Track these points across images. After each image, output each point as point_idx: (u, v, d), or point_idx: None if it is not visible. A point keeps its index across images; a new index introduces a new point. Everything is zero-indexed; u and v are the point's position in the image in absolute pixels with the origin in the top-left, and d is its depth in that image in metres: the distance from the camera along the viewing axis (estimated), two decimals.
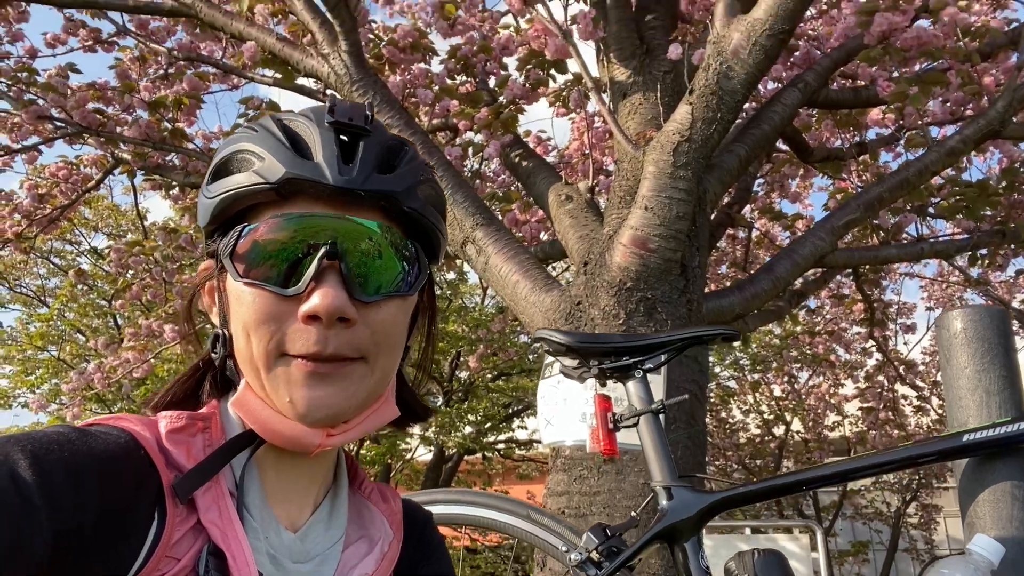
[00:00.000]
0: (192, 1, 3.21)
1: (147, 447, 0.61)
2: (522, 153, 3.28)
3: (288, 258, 0.62)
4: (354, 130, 0.65)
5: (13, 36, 4.67)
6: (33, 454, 0.54)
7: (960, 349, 1.12)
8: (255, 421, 0.65)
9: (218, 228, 0.67)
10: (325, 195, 0.62)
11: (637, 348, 1.18)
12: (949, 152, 2.97)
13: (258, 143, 0.64)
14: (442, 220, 0.72)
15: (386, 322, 0.65)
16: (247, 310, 0.63)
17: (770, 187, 5.82)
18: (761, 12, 2.34)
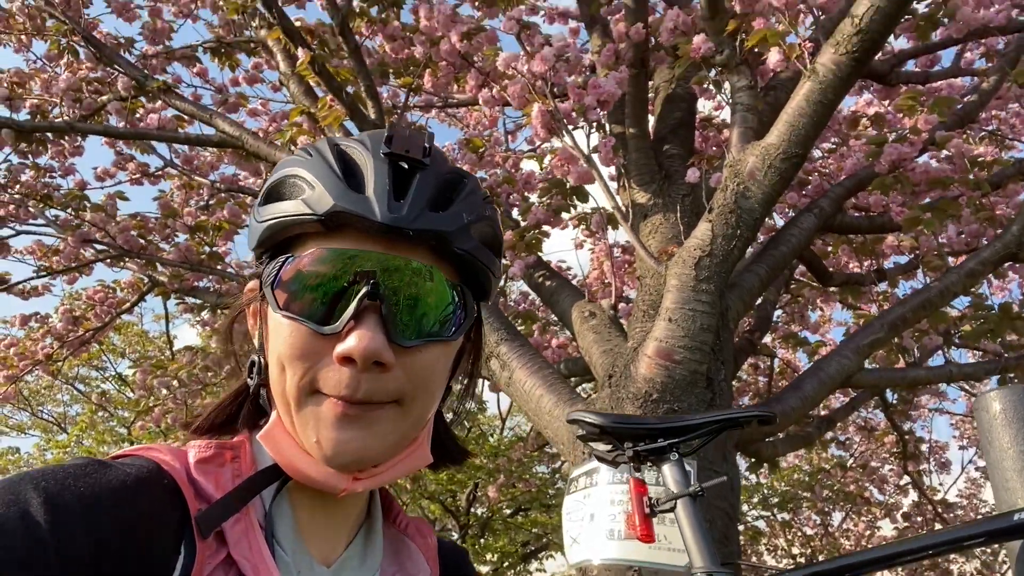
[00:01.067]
0: (239, 134, 3.44)
1: (176, 476, 0.59)
2: (545, 274, 3.37)
3: (328, 294, 0.60)
4: (410, 163, 0.62)
5: (65, 170, 4.99)
6: (46, 492, 0.52)
7: (1002, 430, 1.10)
8: (281, 458, 0.63)
9: (266, 252, 0.65)
10: (372, 231, 0.60)
11: (672, 430, 1.17)
12: (969, 274, 3.01)
13: (310, 169, 0.62)
14: (496, 260, 0.68)
15: (425, 368, 0.62)
16: (283, 343, 0.61)
17: (790, 317, 5.86)
18: (774, 138, 2.48)
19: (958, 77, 4.14)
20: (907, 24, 3.51)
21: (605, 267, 4.66)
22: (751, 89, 2.67)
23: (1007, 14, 3.52)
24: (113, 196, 4.40)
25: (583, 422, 1.22)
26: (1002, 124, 4.90)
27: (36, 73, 4.50)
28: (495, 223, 0.68)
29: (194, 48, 4.34)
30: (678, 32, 2.93)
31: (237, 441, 0.66)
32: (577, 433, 1.25)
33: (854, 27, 2.32)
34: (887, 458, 7.37)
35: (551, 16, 4.55)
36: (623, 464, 1.21)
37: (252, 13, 3.33)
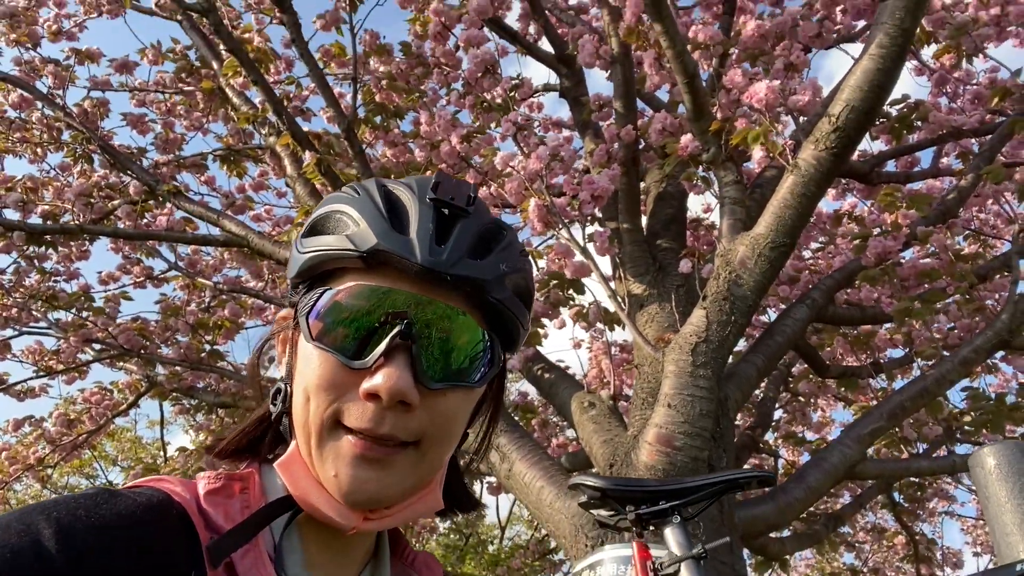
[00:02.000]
0: (244, 232, 3.55)
1: (186, 507, 0.60)
2: (544, 367, 3.39)
3: (361, 330, 0.61)
4: (454, 210, 0.64)
5: (69, 275, 5.09)
6: (58, 522, 0.52)
7: (998, 485, 1.11)
8: (295, 488, 0.63)
9: (304, 282, 0.67)
10: (411, 272, 0.61)
11: (673, 492, 1.16)
12: (963, 362, 3.04)
13: (356, 207, 0.64)
14: (527, 313, 0.69)
15: (447, 412, 0.63)
16: (312, 373, 0.62)
17: (791, 416, 5.82)
18: (763, 228, 2.57)
19: (937, 177, 4.33)
20: (883, 126, 3.70)
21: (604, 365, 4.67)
22: (738, 183, 2.79)
23: (979, 117, 3.73)
24: (116, 296, 4.46)
25: (584, 486, 1.22)
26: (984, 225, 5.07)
27: (49, 181, 4.67)
28: (529, 277, 0.69)
29: (204, 156, 4.53)
30: (666, 133, 3.09)
31: (246, 472, 0.66)
32: (579, 500, 1.24)
33: (831, 125, 2.45)
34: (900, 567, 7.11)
35: (545, 125, 4.80)
36: (625, 529, 1.20)
37: (262, 122, 3.51)
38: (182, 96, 4.75)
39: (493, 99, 3.43)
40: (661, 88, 3.80)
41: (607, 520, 1.22)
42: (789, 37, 2.93)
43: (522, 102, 3.78)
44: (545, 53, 3.71)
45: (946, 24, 3.33)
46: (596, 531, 2.43)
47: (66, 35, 4.65)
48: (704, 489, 1.17)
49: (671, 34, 2.57)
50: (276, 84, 3.77)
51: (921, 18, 2.37)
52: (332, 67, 4.04)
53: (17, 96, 4.42)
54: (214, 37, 3.76)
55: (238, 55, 3.02)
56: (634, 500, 1.18)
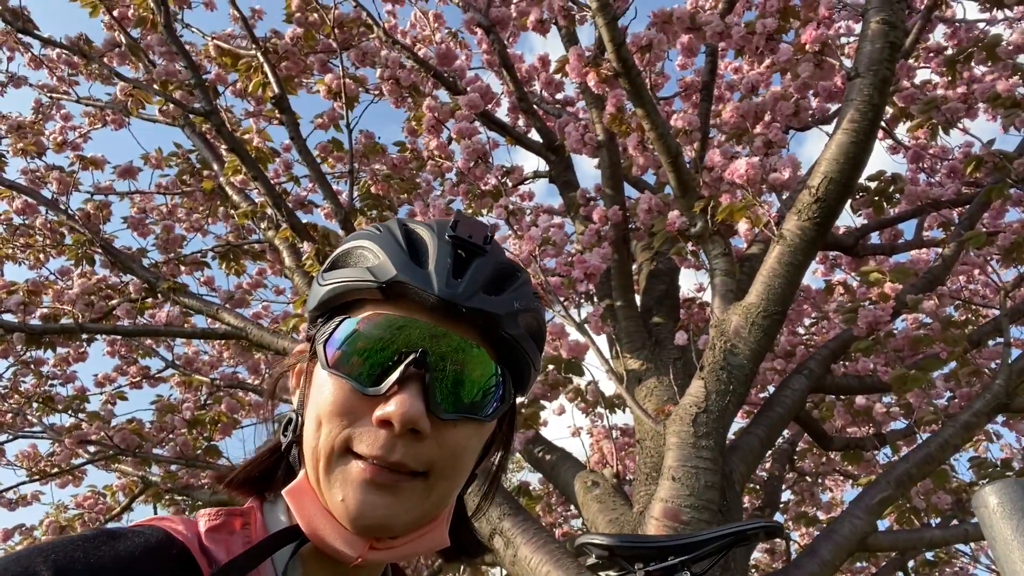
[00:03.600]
0: (243, 325, 3.58)
1: (188, 546, 0.59)
2: (545, 448, 3.35)
3: (377, 358, 0.62)
4: (471, 247, 0.65)
5: (66, 378, 5.08)
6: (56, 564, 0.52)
7: (1003, 524, 1.11)
8: (302, 515, 0.63)
9: (322, 315, 0.68)
10: (428, 304, 0.62)
11: (682, 547, 1.15)
12: (965, 426, 3.03)
13: (377, 242, 0.66)
14: (538, 353, 0.70)
15: (458, 444, 0.63)
16: (325, 399, 0.62)
17: (800, 497, 5.72)
18: (754, 297, 2.62)
19: (921, 248, 4.44)
20: (863, 200, 3.82)
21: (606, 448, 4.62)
22: (727, 255, 2.86)
23: (956, 189, 3.86)
24: (113, 396, 4.44)
25: (591, 545, 1.20)
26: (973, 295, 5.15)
27: (50, 285, 4.74)
28: (541, 318, 0.71)
29: (204, 253, 4.62)
30: (653, 212, 3.19)
31: (247, 508, 0.67)
32: (586, 563, 1.22)
33: (812, 196, 2.55)
34: None
35: (536, 212, 4.93)
36: None
37: (261, 216, 3.61)
38: (183, 197, 4.88)
39: (486, 186, 3.56)
40: (647, 172, 3.95)
41: None
42: (770, 113, 3.08)
43: (514, 189, 3.91)
44: (534, 142, 3.87)
45: (917, 100, 3.50)
46: None
47: (71, 145, 4.83)
48: (713, 542, 1.16)
49: (652, 117, 2.70)
50: (275, 182, 3.90)
51: (888, 92, 2.50)
52: (329, 162, 4.19)
53: (21, 203, 4.54)
54: (215, 140, 3.92)
55: (238, 152, 3.14)
56: (643, 557, 1.16)
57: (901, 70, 3.59)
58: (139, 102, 3.96)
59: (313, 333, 0.69)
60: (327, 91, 3.49)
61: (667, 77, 4.22)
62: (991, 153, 3.50)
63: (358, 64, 3.34)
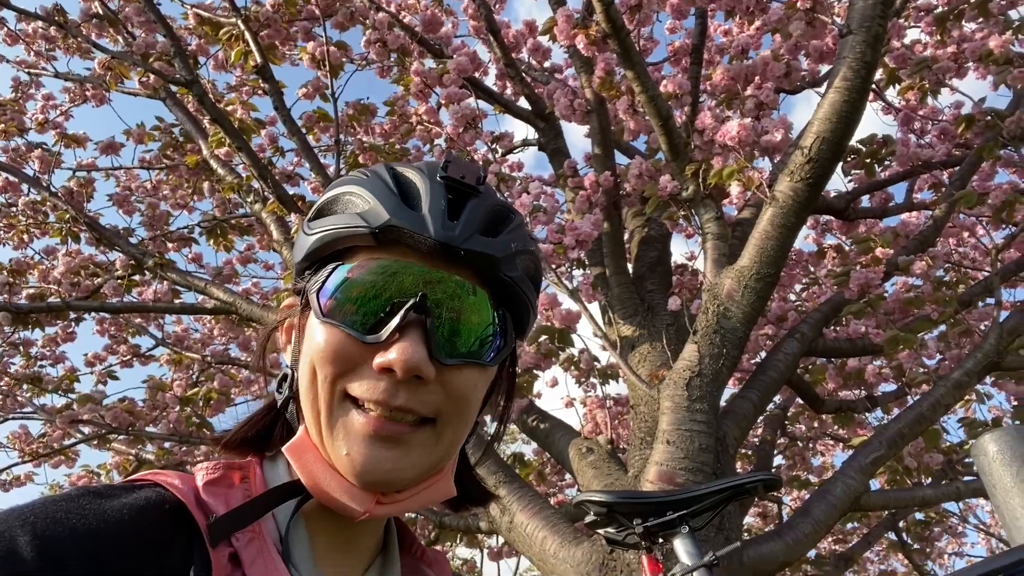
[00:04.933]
0: (233, 300, 3.54)
1: (184, 499, 0.56)
2: (538, 417, 3.35)
3: (374, 305, 0.60)
4: (464, 188, 0.63)
5: (55, 359, 5.04)
6: (34, 528, 0.49)
7: (1003, 470, 1.11)
8: (306, 473, 0.61)
9: (311, 266, 0.65)
10: (424, 248, 0.60)
11: (680, 502, 1.14)
12: (956, 385, 3.04)
13: (366, 187, 0.63)
14: (536, 295, 0.68)
15: (463, 388, 0.61)
16: (321, 348, 0.60)
17: (792, 462, 5.77)
18: (746, 260, 2.61)
19: (912, 211, 4.43)
20: (854, 162, 3.80)
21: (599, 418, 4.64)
22: (719, 219, 2.84)
23: (947, 150, 3.84)
24: (103, 375, 4.41)
25: (590, 502, 1.20)
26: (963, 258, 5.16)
27: (35, 264, 4.68)
28: (538, 260, 0.69)
29: (191, 229, 4.57)
30: (644, 178, 3.16)
31: (246, 462, 0.64)
32: (586, 520, 1.22)
33: (804, 156, 2.52)
34: None
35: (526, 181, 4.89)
36: (634, 545, 1.18)
37: (247, 190, 3.56)
38: (168, 172, 4.81)
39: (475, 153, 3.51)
40: (638, 138, 3.91)
41: (615, 536, 1.19)
42: (760, 76, 3.04)
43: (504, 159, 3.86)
44: (523, 110, 3.82)
45: (908, 60, 3.47)
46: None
47: (52, 124, 4.74)
48: (711, 496, 1.16)
49: (642, 79, 2.66)
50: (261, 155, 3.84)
51: (880, 50, 2.47)
52: (315, 133, 4.13)
53: (3, 181, 4.47)
54: (198, 112, 3.85)
55: (222, 123, 3.08)
56: (641, 513, 1.16)
57: (892, 30, 3.55)
58: (119, 76, 3.88)
59: (302, 285, 0.66)
60: (310, 60, 3.43)
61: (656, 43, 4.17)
62: (982, 112, 3.48)
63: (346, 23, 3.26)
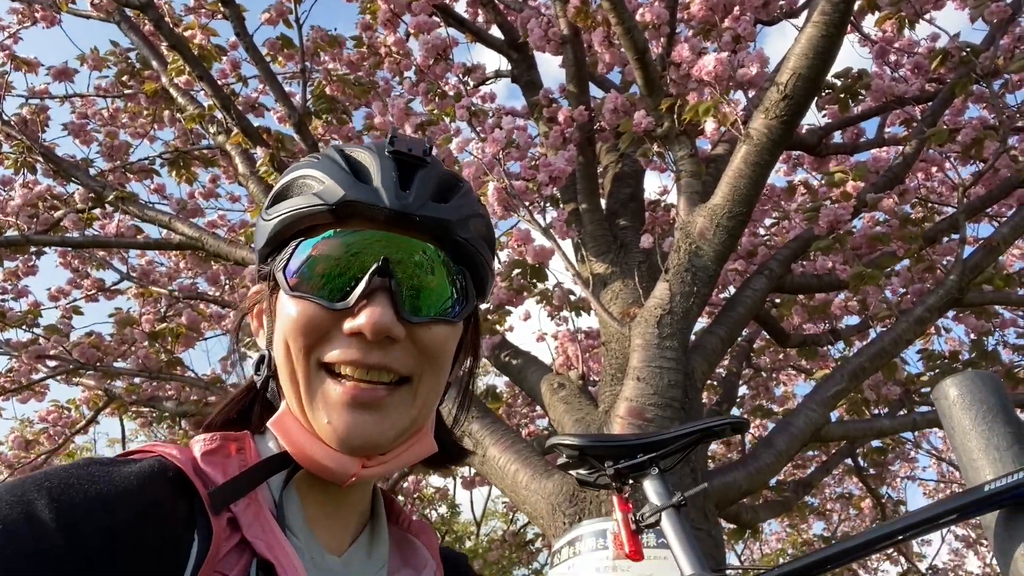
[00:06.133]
0: (199, 235, 3.47)
1: (183, 468, 0.59)
2: (511, 353, 3.39)
3: (339, 274, 0.62)
4: (412, 160, 0.66)
5: (18, 293, 4.92)
6: (50, 492, 0.52)
7: (962, 414, 1.14)
8: (291, 444, 0.63)
9: (273, 250, 0.68)
10: (381, 218, 0.63)
11: (650, 445, 1.17)
12: (917, 321, 3.12)
13: (318, 168, 0.65)
14: (492, 258, 0.71)
15: (434, 344, 0.64)
16: (292, 320, 0.62)
17: (755, 391, 5.93)
18: (719, 199, 2.61)
19: (883, 147, 4.45)
20: (829, 97, 3.78)
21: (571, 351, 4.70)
22: (693, 157, 2.82)
23: (920, 86, 3.83)
24: (68, 310, 4.33)
25: (562, 445, 1.22)
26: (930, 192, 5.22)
27: None
28: (489, 224, 0.72)
29: (152, 160, 4.43)
30: (619, 113, 3.11)
31: (241, 434, 0.66)
32: (558, 462, 1.24)
33: (780, 93, 2.50)
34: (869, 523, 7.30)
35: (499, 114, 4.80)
36: (605, 486, 1.21)
37: (210, 120, 3.44)
38: (125, 100, 4.62)
39: (446, 86, 3.42)
40: (613, 71, 3.83)
41: (587, 478, 1.22)
42: (739, 6, 2.97)
43: (475, 90, 3.77)
44: (495, 39, 3.71)
45: None
46: (573, 508, 2.45)
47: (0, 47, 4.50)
48: (681, 439, 1.18)
49: (619, 10, 2.59)
50: (223, 83, 3.70)
51: None
52: (280, 61, 3.98)
53: None
54: (155, 38, 3.68)
55: (181, 50, 2.95)
56: (612, 456, 1.19)
57: None
58: None
59: (267, 270, 0.68)
60: None
61: None
62: (957, 47, 3.46)
63: None
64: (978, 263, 3.19)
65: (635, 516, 1.15)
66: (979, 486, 1.02)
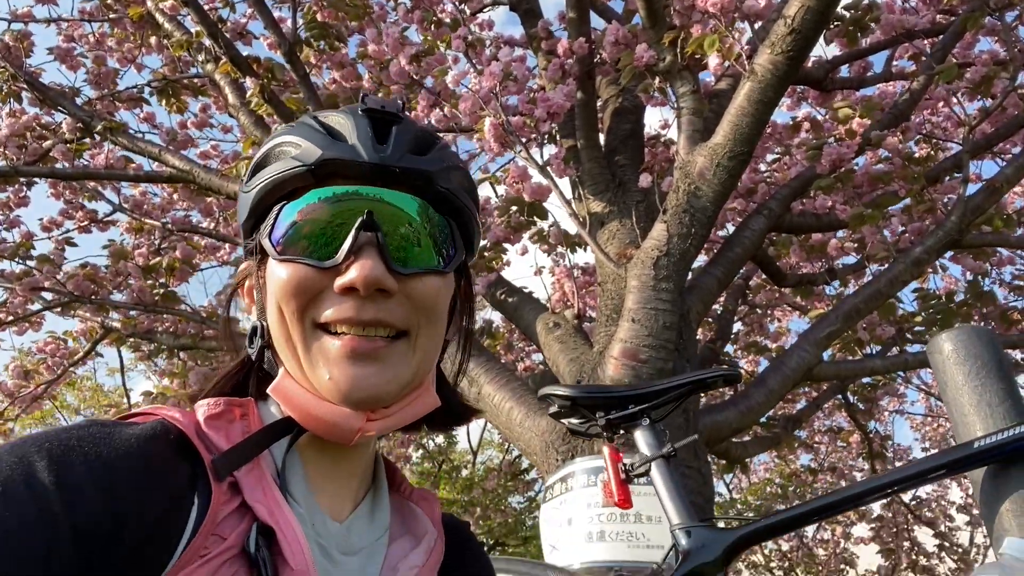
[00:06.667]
0: (190, 168, 3.41)
1: (186, 431, 0.59)
2: (507, 291, 3.38)
3: (325, 233, 0.62)
4: (387, 117, 0.66)
5: (10, 223, 4.87)
6: (50, 453, 0.51)
7: (955, 369, 1.14)
8: (294, 407, 0.63)
9: (257, 221, 0.68)
10: (361, 173, 0.63)
11: (641, 396, 1.18)
12: (915, 262, 3.11)
13: (294, 134, 0.65)
14: (476, 209, 0.71)
15: (428, 295, 0.64)
16: (282, 283, 0.62)
17: (750, 327, 5.97)
18: (720, 137, 2.55)
19: (890, 81, 4.34)
20: (837, 30, 3.66)
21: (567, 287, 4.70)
22: (695, 93, 2.75)
23: (931, 18, 3.71)
24: (61, 242, 4.30)
25: (554, 396, 1.22)
26: (935, 128, 5.13)
27: None
28: (470, 177, 0.72)
29: (140, 89, 4.31)
30: (620, 46, 3.02)
31: (245, 400, 0.67)
32: (550, 411, 1.25)
33: (787, 27, 2.41)
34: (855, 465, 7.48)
35: (497, 43, 4.65)
36: (596, 435, 1.22)
37: (198, 48, 3.33)
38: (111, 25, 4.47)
39: (442, 13, 3.30)
40: None
41: (578, 428, 1.23)
42: None
43: (472, 18, 3.64)
44: None
45: None
46: (566, 446, 2.48)
47: None
48: (672, 391, 1.19)
49: None
50: (210, 8, 3.56)
51: None
52: None
53: None
54: None
55: None
56: (603, 406, 1.19)
57: None
58: None
59: (253, 244, 0.68)
60: None
61: None
62: None
63: None
64: (980, 204, 3.16)
65: (625, 466, 1.17)
66: (969, 442, 1.03)
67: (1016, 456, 1.01)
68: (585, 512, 2.24)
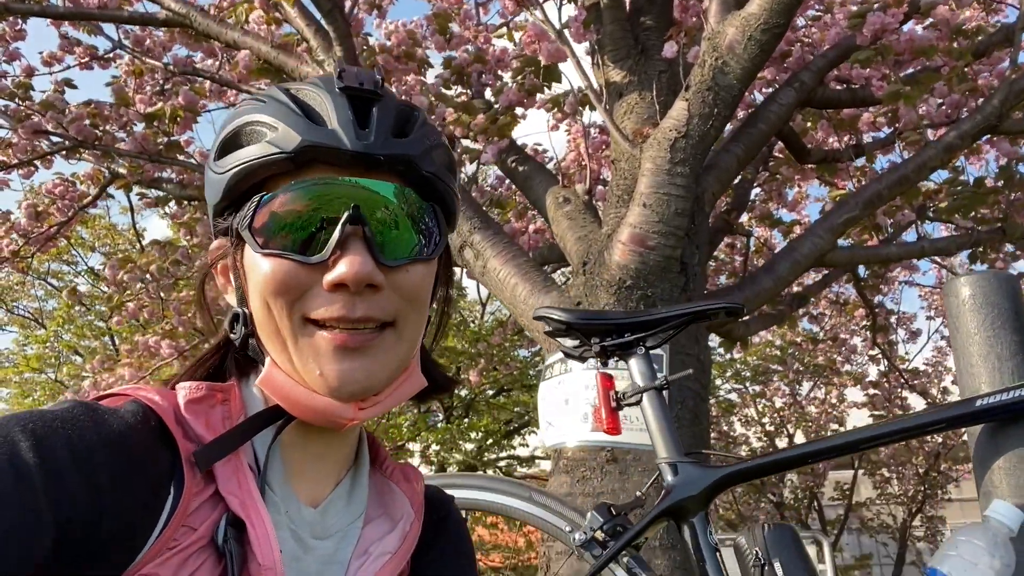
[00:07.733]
0: (187, 11, 3.21)
1: (164, 417, 0.60)
2: (518, 159, 3.27)
3: (309, 226, 0.60)
4: (366, 95, 0.63)
5: (10, 56, 4.68)
6: (34, 434, 0.52)
7: (969, 316, 1.09)
8: (284, 399, 0.63)
9: (230, 204, 0.65)
10: (342, 161, 0.61)
11: (639, 324, 1.15)
12: (947, 148, 2.96)
13: (269, 113, 0.62)
14: (456, 184, 0.70)
15: (414, 285, 0.64)
16: (266, 280, 0.61)
17: (767, 195, 5.84)
18: (755, 7, 2.35)
19: None
20: None
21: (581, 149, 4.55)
22: None
23: None
24: (61, 84, 4.15)
25: (549, 319, 1.20)
26: None
27: None
28: (449, 151, 0.71)
29: None
30: None
31: (227, 385, 0.67)
32: (544, 329, 1.23)
33: None
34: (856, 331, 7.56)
35: None
36: (590, 359, 1.20)
37: None
38: None
39: None
40: None
41: (572, 351, 1.21)
42: None
43: None
44: None
45: None
46: None
47: None
48: (670, 321, 1.15)
49: None
50: None
51: None
52: None
53: None
54: None
55: None
56: (599, 333, 1.16)
57: None
58: None
59: (226, 225, 0.66)
60: None
61: None
62: None
63: None
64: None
65: (616, 393, 1.16)
66: (971, 399, 1.00)
67: (1015, 414, 0.99)
68: (582, 394, 2.29)
